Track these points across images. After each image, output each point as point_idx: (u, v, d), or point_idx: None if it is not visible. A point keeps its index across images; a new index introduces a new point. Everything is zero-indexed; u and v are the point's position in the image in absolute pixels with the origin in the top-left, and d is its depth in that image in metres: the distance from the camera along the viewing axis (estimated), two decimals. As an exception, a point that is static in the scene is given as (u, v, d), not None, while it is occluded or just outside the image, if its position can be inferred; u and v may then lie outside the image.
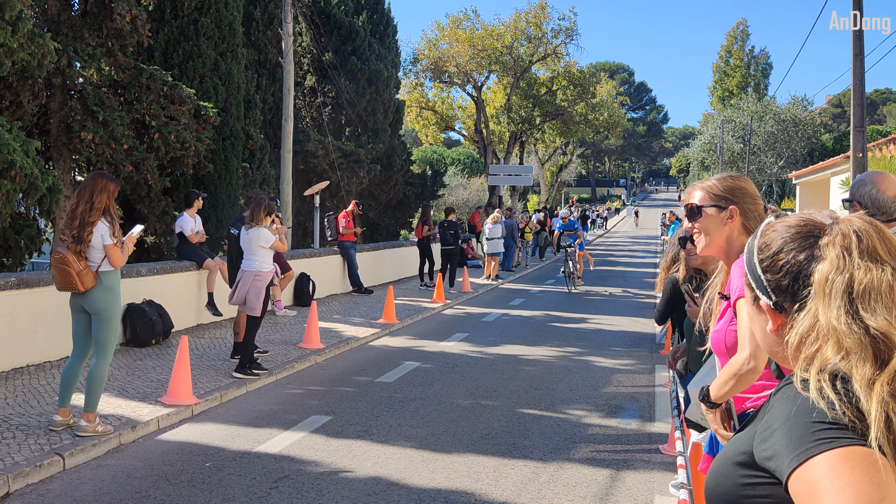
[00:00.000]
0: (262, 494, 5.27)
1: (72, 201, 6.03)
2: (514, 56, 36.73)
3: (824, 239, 1.35)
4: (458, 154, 66.90)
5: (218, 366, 9.01)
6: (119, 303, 6.25)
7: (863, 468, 1.14)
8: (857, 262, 1.29)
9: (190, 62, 16.04)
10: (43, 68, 12.44)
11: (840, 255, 1.30)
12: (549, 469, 5.99)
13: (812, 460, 1.17)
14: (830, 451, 1.16)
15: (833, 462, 1.15)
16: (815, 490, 1.14)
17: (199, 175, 15.75)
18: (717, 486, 1.37)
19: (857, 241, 1.31)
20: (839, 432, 1.18)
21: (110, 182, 6.10)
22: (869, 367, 1.22)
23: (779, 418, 1.27)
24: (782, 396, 1.31)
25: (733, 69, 71.77)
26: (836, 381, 1.23)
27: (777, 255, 1.39)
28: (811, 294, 1.31)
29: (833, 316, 1.27)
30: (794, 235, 1.38)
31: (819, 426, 1.20)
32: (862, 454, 1.15)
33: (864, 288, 1.27)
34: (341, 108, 24.31)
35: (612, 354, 10.98)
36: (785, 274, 1.37)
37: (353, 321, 12.89)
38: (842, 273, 1.29)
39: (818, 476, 1.15)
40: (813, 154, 46.20)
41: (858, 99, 15.60)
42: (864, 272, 1.28)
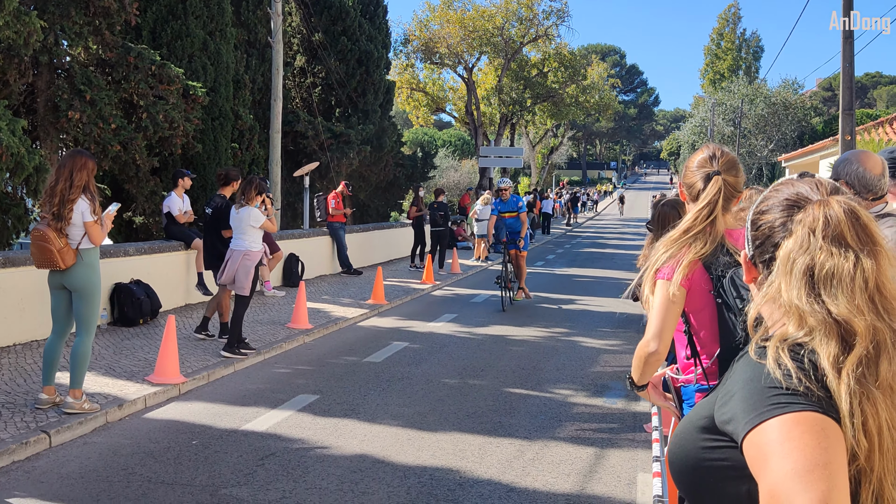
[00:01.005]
0: (248, 471, 5.30)
1: (51, 179, 6.00)
2: (506, 37, 36.58)
3: (799, 215, 1.36)
4: (450, 136, 66.79)
5: (206, 345, 9.02)
6: (100, 279, 6.24)
7: (812, 433, 1.16)
8: (820, 245, 1.30)
9: (178, 41, 15.94)
10: (29, 46, 12.34)
11: (805, 236, 1.32)
12: (534, 447, 6.03)
13: (765, 424, 1.20)
14: (783, 416, 1.19)
15: (784, 426, 1.18)
16: (765, 452, 1.17)
17: (188, 155, 15.69)
18: (680, 450, 1.39)
19: (824, 224, 1.31)
20: (793, 398, 1.21)
21: (89, 160, 6.07)
22: (835, 345, 1.24)
23: (738, 383, 1.30)
24: (744, 362, 1.33)
25: (724, 52, 71.70)
26: (794, 351, 1.26)
27: (763, 214, 1.42)
28: (776, 266, 1.33)
29: (794, 294, 1.28)
30: (783, 202, 1.40)
31: (774, 391, 1.22)
32: (812, 420, 1.18)
33: (825, 273, 1.28)
34: (331, 89, 24.21)
35: (599, 335, 11.04)
36: (760, 234, 1.41)
37: (341, 302, 12.90)
38: (804, 254, 1.30)
39: (769, 439, 1.18)
40: (803, 137, 46.28)
41: (848, 82, 15.62)
42: (825, 256, 1.28)
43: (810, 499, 1.11)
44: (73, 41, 14.16)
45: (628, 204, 62.72)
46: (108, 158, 14.34)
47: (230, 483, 5.08)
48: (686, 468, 1.38)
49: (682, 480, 1.41)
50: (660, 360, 2.91)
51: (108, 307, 9.80)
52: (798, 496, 1.11)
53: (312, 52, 24.20)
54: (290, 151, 22.88)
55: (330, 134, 22.79)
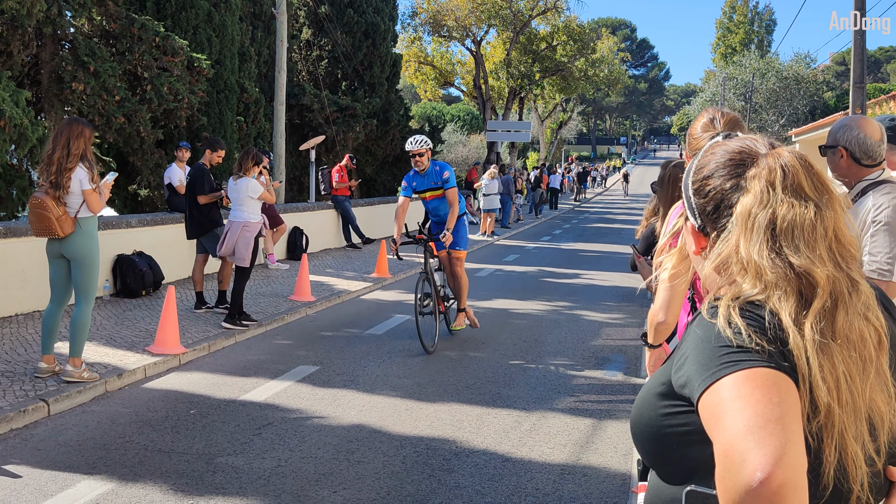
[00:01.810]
0: (245, 440, 5.32)
1: (48, 147, 5.99)
2: (514, 10, 36.23)
3: (752, 170, 1.32)
4: (458, 111, 66.46)
5: (207, 317, 9.03)
6: (98, 248, 6.23)
7: (763, 388, 1.14)
8: (780, 198, 1.27)
9: (183, 13, 15.83)
10: (32, 17, 12.30)
11: (764, 190, 1.28)
12: (531, 418, 6.03)
13: (717, 383, 1.17)
14: (734, 374, 1.16)
15: (735, 384, 1.15)
16: (718, 412, 1.15)
17: (193, 128, 15.64)
18: (641, 418, 1.37)
19: (782, 176, 1.29)
20: (743, 355, 1.18)
21: (86, 127, 6.05)
22: (794, 302, 1.22)
23: (691, 345, 1.27)
24: (697, 324, 1.30)
25: (736, 26, 70.95)
26: (744, 309, 1.23)
27: (707, 180, 1.37)
28: (731, 224, 1.30)
29: (755, 250, 1.25)
30: (727, 162, 1.36)
31: (724, 350, 1.20)
32: (763, 375, 1.15)
33: (787, 225, 1.25)
34: (337, 62, 24.08)
35: (602, 309, 11.01)
36: (710, 199, 1.36)
37: (345, 275, 12.90)
38: (765, 208, 1.27)
39: (721, 398, 1.15)
40: (815, 112, 45.86)
41: (859, 54, 15.43)
42: (787, 208, 1.26)
43: (764, 454, 1.08)
44: (77, 12, 14.10)
45: (636, 180, 61.85)
46: (113, 130, 14.32)
47: (226, 452, 5.09)
48: (648, 436, 1.36)
49: (645, 449, 1.39)
50: (669, 328, 2.91)
51: (111, 278, 9.82)
52: (752, 453, 1.09)
53: (319, 25, 24.04)
54: (295, 125, 22.82)
55: (336, 107, 22.69)
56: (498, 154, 33.32)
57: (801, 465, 1.09)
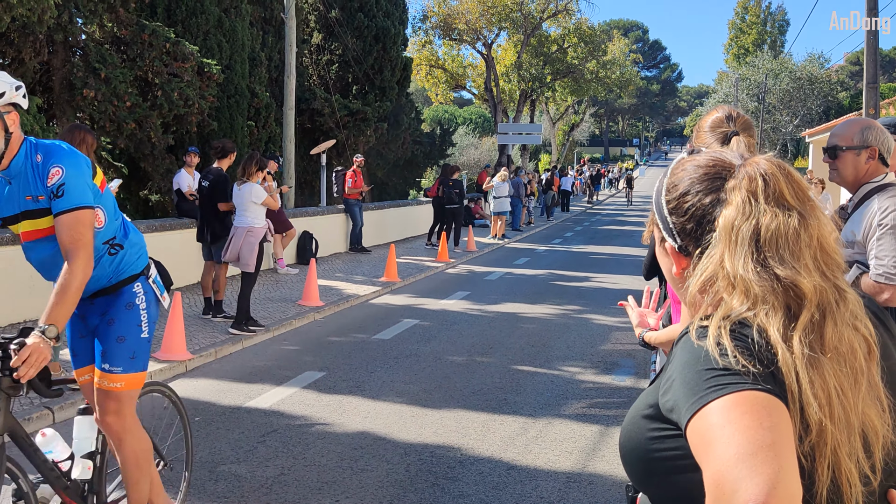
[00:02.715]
0: (249, 448, 5.30)
1: None
2: (525, 13, 36.20)
3: (731, 182, 1.28)
4: (470, 113, 66.50)
5: (214, 322, 9.04)
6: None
7: (753, 413, 1.09)
8: (763, 208, 1.23)
9: (193, 18, 15.89)
10: (43, 24, 12.34)
11: (746, 201, 1.24)
12: (538, 424, 5.98)
13: (705, 408, 1.12)
14: (722, 398, 1.11)
15: (724, 409, 1.10)
16: (707, 439, 1.10)
17: (204, 133, 15.69)
18: (629, 441, 1.32)
19: (763, 186, 1.25)
20: (732, 378, 1.13)
21: (88, 134, 6.03)
22: (781, 316, 1.18)
23: (677, 368, 1.22)
24: (682, 345, 1.25)
25: (749, 26, 70.62)
26: (734, 330, 1.18)
27: (683, 197, 1.32)
28: (714, 240, 1.26)
29: (740, 264, 1.21)
30: (702, 177, 1.31)
31: (711, 373, 1.15)
32: (753, 399, 1.11)
33: (770, 235, 1.21)
34: (348, 66, 24.11)
35: (612, 312, 10.94)
36: (690, 217, 1.30)
37: (354, 279, 12.89)
38: (748, 219, 1.23)
39: (710, 424, 1.11)
40: (829, 112, 45.59)
41: (872, 55, 15.33)
42: (770, 218, 1.22)
43: (757, 483, 1.04)
44: (88, 19, 14.18)
45: (648, 183, 61.28)
46: (124, 136, 14.39)
47: (229, 460, 5.08)
48: (636, 460, 1.31)
49: (633, 473, 1.34)
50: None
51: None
52: (744, 482, 1.04)
53: (329, 29, 24.08)
54: (306, 129, 22.86)
55: (346, 111, 22.71)
56: (509, 157, 33.26)
57: (796, 494, 1.05)
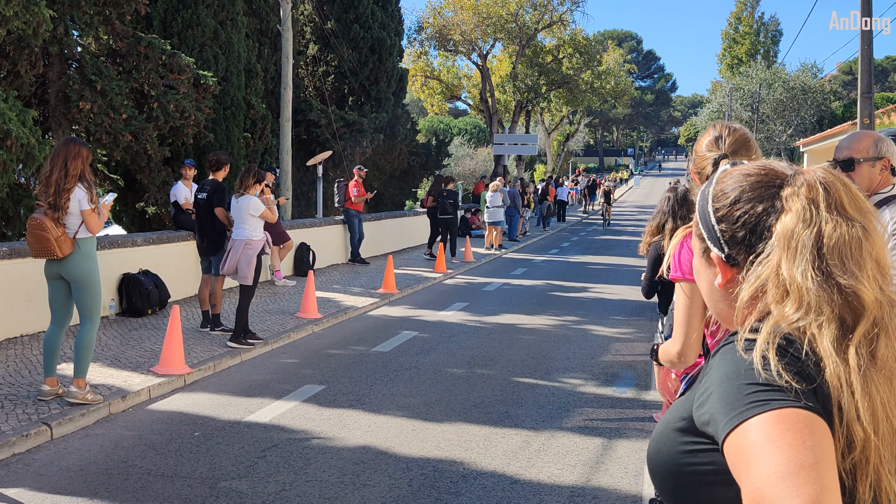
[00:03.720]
0: (250, 463, 5.24)
1: (45, 168, 5.95)
2: (520, 24, 36.30)
3: (787, 190, 1.25)
4: (465, 124, 66.56)
5: (213, 336, 8.98)
6: (98, 269, 6.19)
7: (796, 431, 1.06)
8: (825, 216, 1.20)
9: (189, 31, 15.88)
10: (39, 37, 12.31)
11: (806, 208, 1.21)
12: (540, 438, 5.94)
13: (744, 424, 1.09)
14: (763, 414, 1.08)
15: (765, 426, 1.07)
16: (747, 455, 1.07)
17: (200, 145, 15.66)
18: (659, 454, 1.29)
19: (824, 194, 1.22)
20: (774, 394, 1.10)
21: (83, 147, 6.01)
22: (835, 329, 1.15)
23: (715, 380, 1.19)
24: (721, 357, 1.22)
25: (742, 36, 70.88)
26: (780, 346, 1.15)
27: (735, 205, 1.28)
28: (771, 247, 1.22)
29: (798, 271, 1.17)
30: (754, 184, 1.28)
31: (752, 388, 1.12)
32: (796, 416, 1.07)
33: (833, 244, 1.18)
34: (344, 77, 24.12)
35: (611, 323, 10.91)
36: (742, 225, 1.27)
37: (352, 291, 12.84)
38: (809, 227, 1.19)
39: (750, 441, 1.07)
40: (822, 122, 45.72)
41: (866, 64, 15.36)
42: (833, 227, 1.19)
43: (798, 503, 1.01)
44: (84, 31, 14.15)
45: (643, 192, 61.03)
46: (120, 149, 14.33)
47: (230, 475, 5.02)
48: (667, 473, 1.28)
49: (663, 486, 1.31)
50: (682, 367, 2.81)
51: (116, 297, 9.78)
52: (784, 501, 1.01)
53: (325, 41, 24.10)
54: (303, 140, 22.84)
55: (343, 122, 22.71)
56: (505, 167, 33.28)
57: None
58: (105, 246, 9.68)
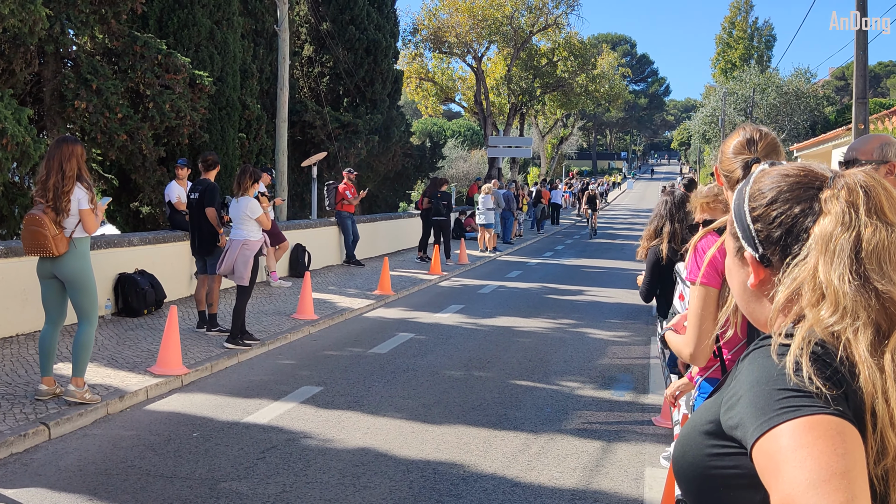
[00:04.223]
0: (249, 465, 5.22)
1: (41, 172, 5.91)
2: (515, 26, 36.35)
3: (826, 192, 1.24)
4: (459, 126, 66.56)
5: (210, 336, 8.95)
6: (91, 268, 6.18)
7: (827, 438, 1.05)
8: (864, 220, 1.19)
9: (185, 30, 15.84)
10: (35, 35, 12.26)
11: (846, 211, 1.20)
12: (539, 441, 5.94)
13: (775, 430, 1.09)
14: (794, 420, 1.08)
15: (796, 432, 1.07)
16: (777, 461, 1.07)
17: (195, 145, 15.61)
18: (684, 457, 1.29)
19: (864, 198, 1.21)
20: (805, 400, 1.10)
21: (76, 145, 5.95)
22: (871, 335, 1.14)
23: (745, 384, 1.18)
24: (751, 361, 1.22)
25: (736, 41, 71.08)
26: (815, 352, 1.15)
27: (771, 205, 1.28)
28: (808, 249, 1.22)
29: (836, 275, 1.17)
30: (792, 185, 1.27)
31: (784, 393, 1.11)
32: (827, 423, 1.07)
33: (872, 248, 1.17)
34: (339, 79, 24.09)
35: (607, 326, 10.93)
36: (778, 225, 1.26)
37: (348, 292, 12.82)
38: (848, 230, 1.19)
39: (780, 446, 1.07)
40: (815, 127, 45.89)
41: (861, 70, 15.41)
42: (872, 231, 1.18)
43: None
44: (80, 30, 14.08)
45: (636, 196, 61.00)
46: (115, 148, 14.28)
47: (230, 476, 5.00)
48: (692, 476, 1.27)
49: (688, 489, 1.30)
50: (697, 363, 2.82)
51: (112, 297, 9.74)
52: None
53: (320, 42, 24.07)
54: (297, 141, 22.79)
55: (338, 124, 22.68)
56: (499, 169, 33.29)
57: None
58: (101, 246, 9.64)
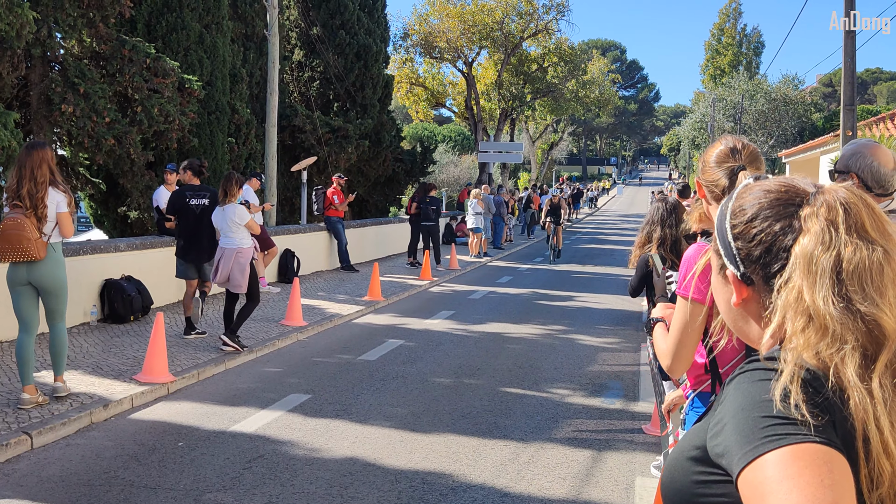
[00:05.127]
0: (235, 475, 5.15)
1: (12, 180, 5.84)
2: (505, 32, 36.37)
3: (806, 209, 1.19)
4: (450, 131, 66.54)
5: (197, 343, 8.86)
6: (66, 273, 6.19)
7: (814, 468, 1.00)
8: (844, 239, 1.14)
9: (174, 34, 15.75)
10: (22, 39, 12.17)
11: (825, 230, 1.15)
12: (529, 449, 5.88)
13: (760, 459, 1.04)
14: (780, 450, 1.03)
15: (782, 462, 1.02)
16: (762, 493, 1.01)
17: (184, 149, 15.50)
18: (672, 483, 1.24)
19: (844, 215, 1.16)
20: (791, 427, 1.04)
21: (44, 150, 5.91)
22: (859, 358, 1.09)
23: (730, 410, 1.13)
24: (736, 386, 1.17)
25: (725, 47, 71.37)
26: (804, 378, 1.10)
27: (752, 222, 1.23)
28: (790, 271, 1.17)
29: (821, 297, 1.12)
30: (773, 202, 1.23)
31: (769, 421, 1.06)
32: (814, 452, 1.02)
33: (853, 268, 1.12)
34: (329, 83, 24.02)
35: (597, 333, 10.89)
36: (758, 243, 1.22)
37: (337, 298, 12.74)
38: (828, 250, 1.14)
39: (765, 477, 1.02)
40: (803, 133, 46.09)
41: (849, 77, 15.45)
42: (852, 251, 1.13)
43: None
44: (67, 34, 13.97)
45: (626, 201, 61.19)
46: (103, 152, 14.17)
47: (215, 487, 4.92)
48: (680, 502, 1.22)
49: None
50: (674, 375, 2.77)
51: (98, 304, 9.63)
52: None
53: (311, 46, 24.00)
54: (287, 146, 22.70)
55: (328, 128, 22.60)
56: (490, 175, 33.26)
57: None
58: (87, 251, 9.54)
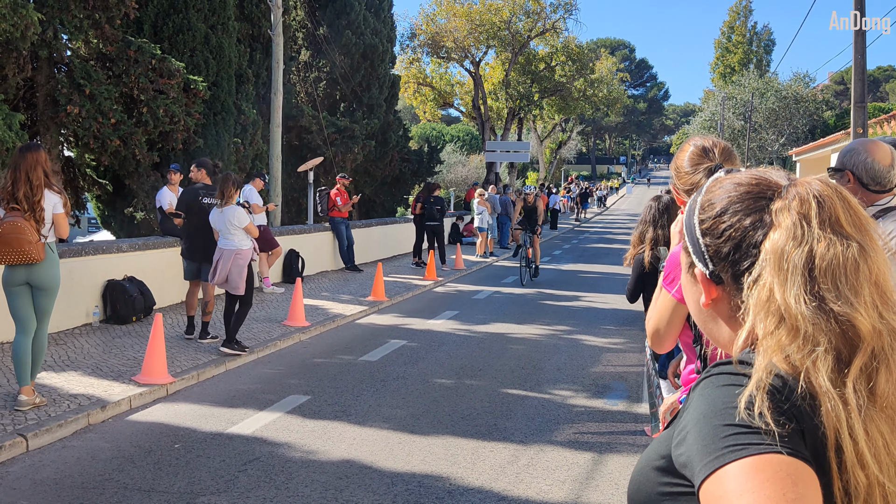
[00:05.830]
0: (230, 477, 5.10)
1: (6, 183, 5.82)
2: (513, 31, 36.27)
3: (777, 203, 1.12)
4: (458, 131, 66.52)
5: (197, 344, 8.83)
6: (60, 273, 6.20)
7: (776, 481, 0.93)
8: (817, 234, 1.07)
9: (180, 35, 15.74)
10: (27, 40, 12.18)
11: (797, 224, 1.08)
12: (529, 452, 5.82)
13: (720, 471, 0.97)
14: (740, 461, 0.96)
15: (742, 474, 0.95)
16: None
17: (190, 150, 15.49)
18: (638, 493, 1.17)
19: (817, 209, 1.09)
20: (753, 437, 0.98)
21: (37, 152, 5.90)
22: (832, 362, 1.03)
23: (693, 418, 1.06)
24: (700, 392, 1.10)
25: (735, 45, 71.09)
26: (776, 381, 1.03)
27: (720, 217, 1.16)
28: (760, 268, 1.10)
29: (792, 295, 1.05)
30: (743, 195, 1.16)
31: (730, 430, 0.99)
32: (777, 464, 0.95)
33: (826, 265, 1.05)
34: (335, 83, 24.00)
35: (602, 333, 10.81)
36: (727, 239, 1.15)
37: (340, 298, 12.71)
38: (800, 245, 1.07)
39: (725, 490, 0.95)
40: (814, 131, 45.82)
41: (860, 74, 15.32)
42: (826, 246, 1.06)
43: None
44: (73, 35, 13.99)
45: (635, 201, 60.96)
46: (108, 153, 14.20)
47: (209, 490, 4.88)
48: None
49: None
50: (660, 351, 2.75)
51: (100, 304, 9.62)
52: None
53: (317, 47, 23.98)
54: (294, 146, 22.70)
55: (334, 129, 22.59)
56: (497, 174, 33.18)
57: None
58: (89, 252, 9.53)
